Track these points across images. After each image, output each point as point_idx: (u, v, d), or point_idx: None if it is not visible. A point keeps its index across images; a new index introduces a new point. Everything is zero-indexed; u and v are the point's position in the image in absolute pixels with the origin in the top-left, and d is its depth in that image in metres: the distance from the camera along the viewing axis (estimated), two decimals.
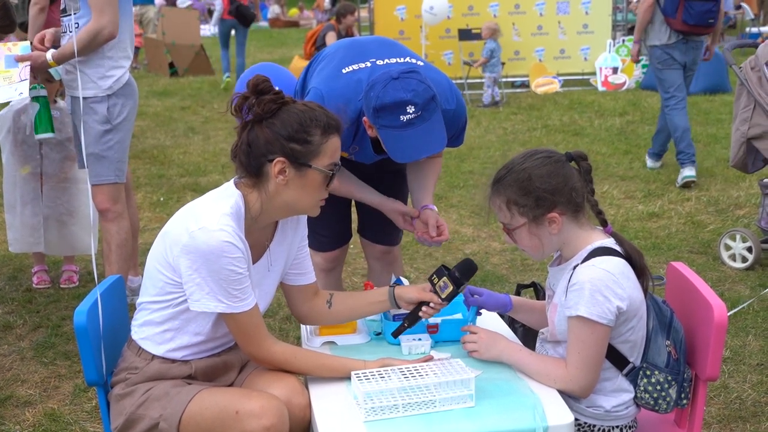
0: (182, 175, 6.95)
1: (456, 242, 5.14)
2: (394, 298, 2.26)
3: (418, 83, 2.42)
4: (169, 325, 2.10)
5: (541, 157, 2.07)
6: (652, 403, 2.07)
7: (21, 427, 3.09)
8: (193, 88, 11.63)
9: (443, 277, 2.18)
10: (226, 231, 1.96)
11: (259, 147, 2.03)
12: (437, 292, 2.19)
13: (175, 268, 2.02)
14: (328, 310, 2.32)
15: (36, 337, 3.85)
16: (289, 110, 2.04)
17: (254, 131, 2.04)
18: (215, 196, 2.09)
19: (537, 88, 11.04)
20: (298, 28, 23.40)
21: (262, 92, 2.04)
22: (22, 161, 4.34)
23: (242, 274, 2.00)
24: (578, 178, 2.07)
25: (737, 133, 4.43)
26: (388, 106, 2.39)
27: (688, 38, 6.24)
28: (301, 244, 2.29)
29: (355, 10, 11.37)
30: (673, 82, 6.34)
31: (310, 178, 2.05)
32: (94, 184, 3.73)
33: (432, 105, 2.44)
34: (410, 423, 1.88)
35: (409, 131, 2.41)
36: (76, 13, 3.58)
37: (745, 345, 3.63)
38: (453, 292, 2.18)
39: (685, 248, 4.95)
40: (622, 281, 1.98)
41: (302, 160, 2.03)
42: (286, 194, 2.06)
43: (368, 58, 2.64)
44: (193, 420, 2.01)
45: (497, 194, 2.09)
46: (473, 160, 7.30)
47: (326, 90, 2.60)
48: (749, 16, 15.84)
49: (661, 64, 6.36)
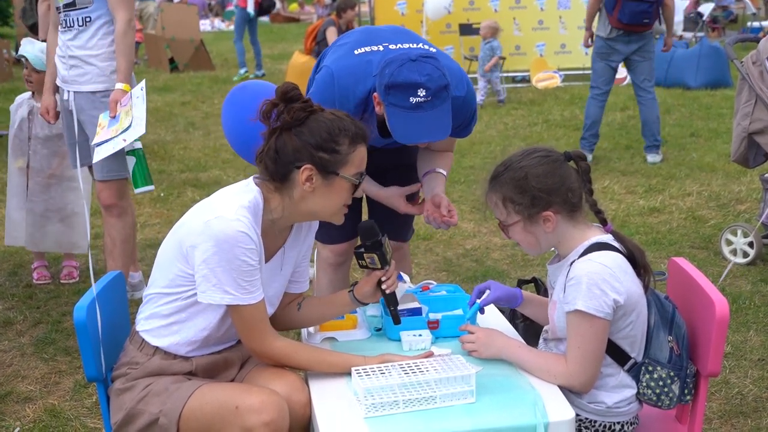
0: (182, 171, 6.94)
1: (456, 238, 5.13)
2: (356, 299, 2.26)
3: (434, 69, 2.43)
4: (175, 318, 2.10)
5: (538, 156, 2.07)
6: (655, 399, 2.07)
7: (21, 423, 3.09)
8: (194, 84, 11.62)
9: (362, 257, 2.18)
10: (242, 222, 1.97)
11: (287, 154, 2.04)
12: (375, 267, 2.18)
13: (188, 258, 2.02)
14: (297, 312, 2.32)
15: (36, 333, 3.85)
16: (317, 119, 2.05)
17: (282, 138, 2.05)
18: (235, 190, 2.10)
19: (538, 83, 11.02)
20: (298, 23, 23.36)
21: (292, 100, 2.05)
22: (16, 155, 4.36)
23: (253, 266, 2.00)
24: (576, 178, 2.07)
25: (738, 128, 4.42)
26: (399, 85, 2.39)
27: (629, 33, 6.49)
28: (306, 252, 2.30)
29: (356, 5, 11.34)
30: (601, 74, 6.77)
31: (337, 187, 2.07)
32: (104, 179, 3.73)
33: (443, 94, 2.44)
34: (411, 419, 1.88)
35: (416, 114, 2.41)
36: (87, 7, 3.58)
37: (747, 340, 3.63)
38: (379, 255, 2.16)
39: (686, 243, 4.94)
40: (620, 275, 1.98)
41: (330, 168, 2.04)
42: (312, 201, 2.08)
43: (381, 42, 2.65)
44: (193, 415, 2.01)
45: (494, 191, 2.10)
46: (474, 156, 7.29)
47: (336, 68, 2.60)
48: (750, 11, 15.82)
49: (598, 56, 6.73)
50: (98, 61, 3.61)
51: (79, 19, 3.60)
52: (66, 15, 3.62)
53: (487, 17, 10.99)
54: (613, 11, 6.43)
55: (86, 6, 3.59)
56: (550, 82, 10.97)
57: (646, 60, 6.61)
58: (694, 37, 13.50)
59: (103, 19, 3.61)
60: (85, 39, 3.62)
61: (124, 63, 3.58)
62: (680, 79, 10.21)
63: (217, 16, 23.91)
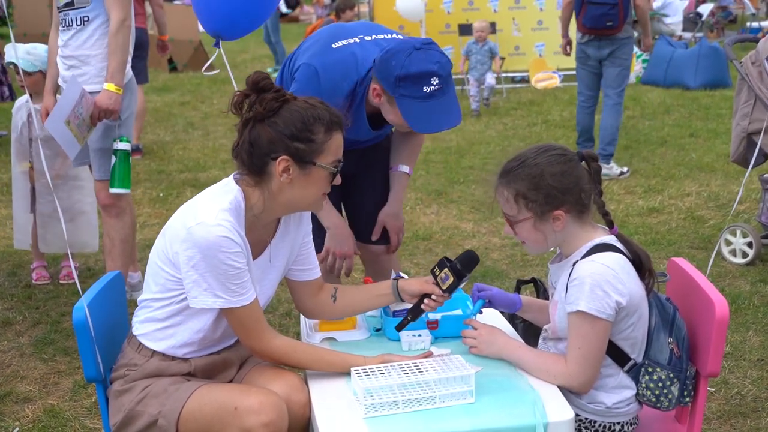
0: (182, 171, 6.94)
1: (456, 238, 5.13)
2: (398, 291, 2.26)
3: (441, 55, 2.43)
4: (171, 322, 2.10)
5: (555, 154, 2.05)
6: (654, 400, 2.07)
7: (20, 424, 3.09)
8: (193, 84, 11.60)
9: (444, 268, 2.17)
10: (223, 226, 1.95)
11: (262, 146, 2.00)
12: (438, 284, 2.18)
13: (175, 264, 2.01)
14: (332, 304, 2.31)
15: (35, 333, 3.85)
16: (290, 108, 2.01)
17: (256, 130, 2.01)
18: (215, 191, 2.08)
19: (537, 83, 11.01)
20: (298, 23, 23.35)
21: (263, 89, 2.01)
22: (19, 158, 4.36)
23: (240, 268, 1.98)
24: (588, 179, 2.07)
25: (738, 128, 4.42)
26: (413, 76, 2.38)
27: (599, 37, 6.41)
28: (305, 240, 2.27)
29: (355, 5, 11.34)
30: (583, 80, 6.73)
31: (315, 176, 2.04)
32: (102, 179, 3.72)
33: (450, 79, 2.45)
34: (410, 419, 1.87)
35: (430, 103, 2.41)
36: (85, 6, 3.57)
37: (746, 340, 3.63)
38: (454, 283, 2.16)
39: (685, 244, 4.94)
40: (622, 276, 1.97)
41: (307, 158, 2.01)
42: (290, 192, 2.05)
43: (356, 35, 2.64)
44: (192, 416, 2.00)
45: (506, 185, 2.07)
46: (473, 156, 7.29)
47: (319, 64, 2.57)
48: (750, 11, 15.82)
49: (578, 61, 6.71)
50: (96, 61, 3.60)
51: (77, 19, 3.59)
52: (65, 14, 3.62)
53: (486, 18, 10.98)
54: (578, 16, 6.40)
55: (84, 5, 3.58)
56: (549, 82, 10.97)
57: (615, 66, 6.47)
58: (693, 38, 13.50)
59: (101, 18, 3.60)
60: (83, 39, 3.61)
61: (114, 63, 3.54)
62: (679, 79, 10.21)
63: None
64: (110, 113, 3.58)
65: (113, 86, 3.55)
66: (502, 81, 10.28)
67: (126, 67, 3.63)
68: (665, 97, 9.59)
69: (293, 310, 3.97)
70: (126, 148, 3.67)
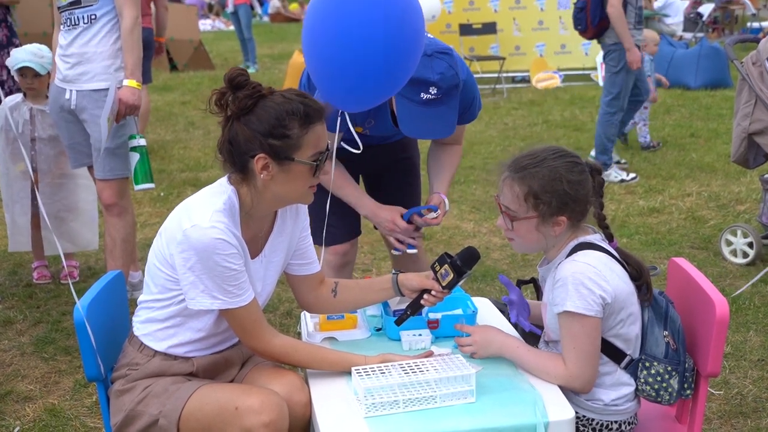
0: (182, 170, 6.94)
1: (456, 237, 5.13)
2: (398, 286, 2.26)
3: (448, 68, 2.42)
4: (171, 322, 2.10)
5: (570, 162, 2.05)
6: (654, 394, 2.07)
7: (21, 423, 3.09)
8: (193, 83, 11.61)
9: (445, 264, 2.17)
10: (217, 228, 1.94)
11: (240, 145, 1.99)
12: (438, 280, 2.18)
13: (172, 265, 2.01)
14: (333, 298, 2.31)
15: (36, 333, 3.85)
16: (265, 105, 1.98)
17: (234, 128, 2.00)
18: (209, 192, 2.07)
19: (538, 83, 11.02)
20: (298, 23, 23.33)
21: (238, 87, 1.98)
22: (15, 159, 4.30)
23: (237, 270, 1.98)
24: (592, 191, 2.08)
25: (738, 128, 4.42)
26: (412, 80, 2.38)
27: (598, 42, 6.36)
28: (303, 234, 2.27)
29: None
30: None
31: (295, 171, 2.02)
32: (106, 178, 3.73)
33: (454, 92, 2.45)
34: (411, 419, 1.88)
35: (424, 109, 2.42)
36: (92, 5, 3.58)
37: (746, 340, 3.63)
38: (454, 279, 2.16)
39: (685, 244, 4.94)
40: (605, 273, 1.98)
41: (283, 155, 1.98)
42: (275, 188, 2.03)
43: None
44: (193, 416, 2.00)
45: (519, 181, 2.05)
46: (474, 156, 7.28)
47: None
48: (750, 11, 15.82)
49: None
50: (102, 59, 3.61)
51: (84, 17, 3.60)
52: (70, 13, 3.63)
53: (487, 17, 11.00)
54: None
55: (91, 4, 3.59)
56: (550, 82, 10.98)
57: (606, 72, 6.37)
58: (693, 38, 13.50)
59: (109, 16, 3.62)
60: (89, 37, 3.62)
61: (131, 60, 3.59)
62: (680, 79, 10.22)
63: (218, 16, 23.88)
64: (135, 109, 3.64)
65: (134, 82, 3.61)
66: (503, 81, 10.28)
67: (140, 63, 3.65)
68: (666, 97, 9.59)
69: (294, 309, 3.97)
70: (144, 144, 3.70)
